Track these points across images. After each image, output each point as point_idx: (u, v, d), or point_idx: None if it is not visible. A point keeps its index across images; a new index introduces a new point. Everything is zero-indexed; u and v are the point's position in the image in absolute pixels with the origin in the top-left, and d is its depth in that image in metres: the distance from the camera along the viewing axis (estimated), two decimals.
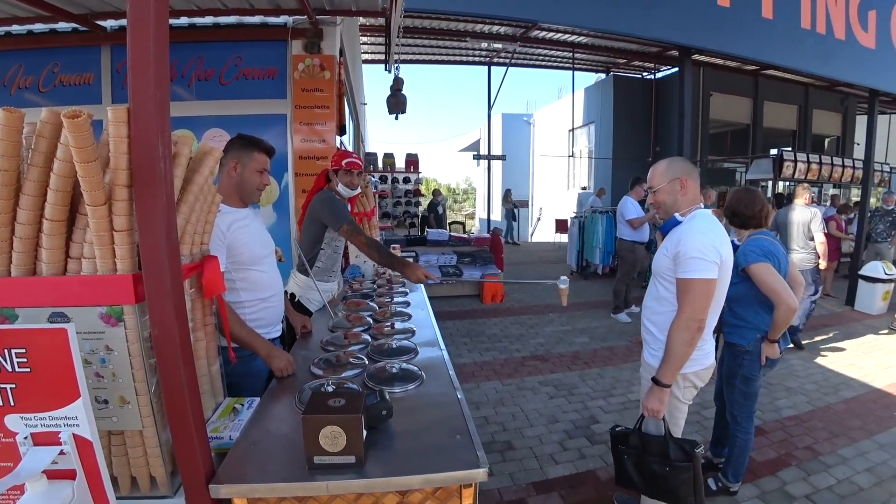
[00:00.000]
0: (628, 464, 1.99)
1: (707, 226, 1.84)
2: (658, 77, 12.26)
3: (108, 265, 1.08)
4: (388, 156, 11.95)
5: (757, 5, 6.48)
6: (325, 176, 2.95)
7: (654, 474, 1.90)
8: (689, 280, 1.78)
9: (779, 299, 2.31)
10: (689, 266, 1.77)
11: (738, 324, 2.51)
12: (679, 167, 1.95)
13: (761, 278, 2.35)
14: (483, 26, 8.92)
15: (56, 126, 1.03)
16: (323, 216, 2.69)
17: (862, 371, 4.50)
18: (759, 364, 2.47)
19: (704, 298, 1.78)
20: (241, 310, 1.90)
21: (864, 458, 3.02)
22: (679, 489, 1.85)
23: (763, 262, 2.36)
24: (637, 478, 1.97)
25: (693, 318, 1.77)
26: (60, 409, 0.92)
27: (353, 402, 1.23)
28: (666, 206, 1.97)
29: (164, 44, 1.03)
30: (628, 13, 5.81)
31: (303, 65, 4.17)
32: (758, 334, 2.46)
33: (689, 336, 1.77)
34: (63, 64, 4.16)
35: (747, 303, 2.48)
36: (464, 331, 5.77)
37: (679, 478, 1.84)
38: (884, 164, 11.15)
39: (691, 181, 1.92)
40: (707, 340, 1.96)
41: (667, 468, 1.86)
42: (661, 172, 1.97)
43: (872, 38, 7.74)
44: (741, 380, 2.52)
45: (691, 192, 1.93)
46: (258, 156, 1.97)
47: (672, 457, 1.85)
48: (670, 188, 1.94)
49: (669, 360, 1.82)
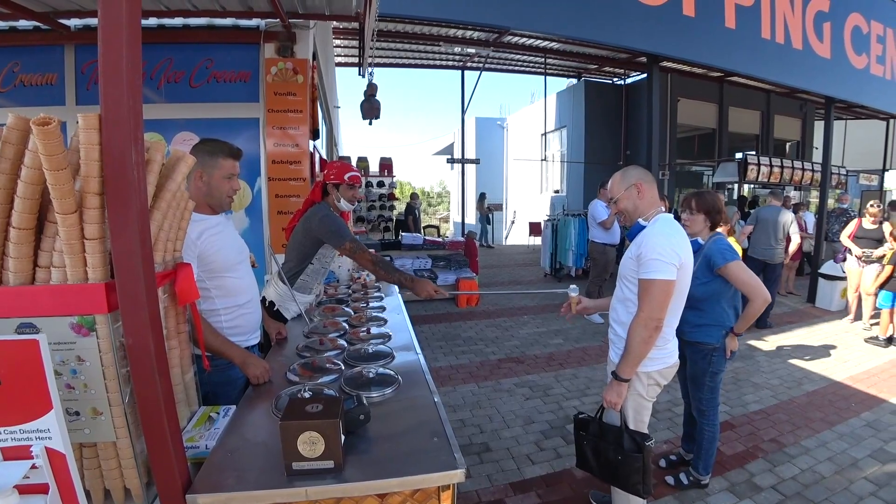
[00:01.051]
0: (587, 449, 2.14)
1: (668, 229, 1.93)
2: (628, 82, 12.55)
3: (79, 274, 1.06)
4: (362, 159, 11.89)
5: (720, 15, 6.74)
6: (321, 189, 2.76)
7: (609, 461, 2.04)
8: (649, 280, 1.86)
9: (755, 293, 2.43)
10: (650, 267, 1.86)
11: (705, 322, 2.57)
12: (633, 174, 2.07)
13: (738, 275, 2.46)
14: (457, 31, 8.98)
15: (23, 132, 1.00)
16: (322, 234, 2.56)
17: (822, 365, 4.71)
18: (725, 358, 2.59)
19: (663, 298, 1.86)
20: (216, 317, 1.87)
21: (825, 448, 3.17)
22: (630, 476, 1.99)
23: (737, 259, 2.49)
24: (594, 462, 2.12)
25: (652, 316, 1.85)
26: (32, 422, 0.90)
27: (330, 408, 1.23)
28: (628, 213, 2.08)
29: (136, 48, 1.02)
30: (598, 21, 5.96)
31: (275, 68, 4.13)
32: (723, 331, 2.56)
33: (647, 334, 1.86)
34: (24, 63, 4.01)
35: (716, 301, 2.57)
36: (439, 334, 5.79)
37: (631, 466, 1.98)
38: (840, 167, 11.70)
39: (646, 185, 2.03)
40: (670, 339, 2.05)
41: (619, 456, 2.00)
42: (618, 182, 2.09)
43: (828, 49, 8.13)
44: (710, 376, 2.60)
45: (648, 196, 2.03)
46: (223, 162, 1.89)
47: (626, 447, 1.99)
48: (628, 195, 2.05)
49: (628, 356, 1.91)
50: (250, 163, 4.11)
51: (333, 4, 3.60)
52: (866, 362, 4.82)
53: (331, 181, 2.69)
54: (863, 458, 3.05)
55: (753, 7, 7.10)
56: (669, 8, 6.26)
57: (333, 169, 2.74)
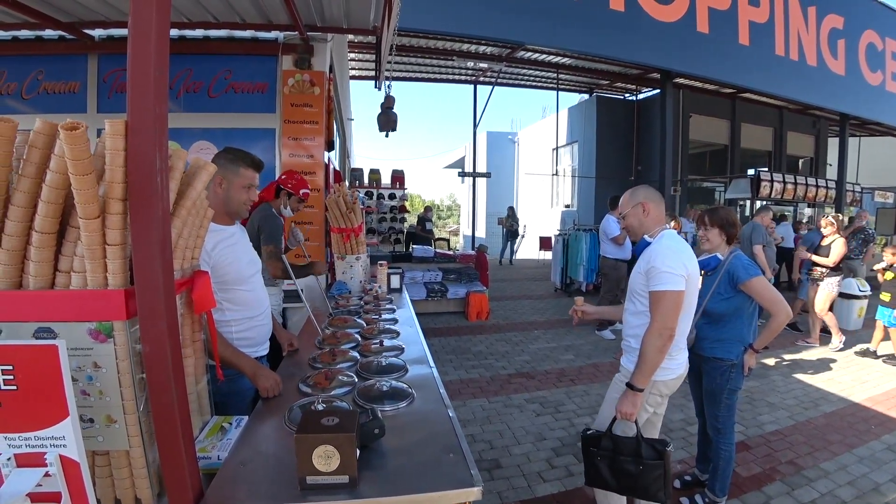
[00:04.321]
0: (601, 465, 2.08)
1: (675, 244, 2.03)
2: (640, 98, 12.57)
3: (99, 280, 1.06)
4: (374, 172, 11.98)
5: (734, 32, 6.75)
6: (274, 190, 3.07)
7: (628, 473, 2.00)
8: (660, 292, 1.93)
9: (778, 308, 2.42)
10: (660, 280, 1.93)
11: (725, 338, 2.54)
12: (641, 194, 2.17)
13: (761, 290, 2.45)
14: (469, 46, 9.07)
15: (50, 137, 1.01)
16: (261, 227, 2.88)
17: (840, 385, 4.60)
18: (743, 375, 2.55)
19: (675, 309, 1.92)
20: (227, 328, 1.86)
21: (845, 471, 3.07)
22: (650, 486, 1.97)
23: (760, 274, 2.48)
24: (610, 478, 2.06)
25: (665, 326, 1.91)
26: (47, 429, 0.89)
27: (346, 421, 1.21)
28: (633, 229, 2.18)
29: (164, 57, 1.03)
30: (612, 37, 5.99)
31: (293, 80, 4.18)
32: (742, 347, 2.53)
33: (661, 343, 1.91)
34: (48, 71, 4.10)
35: (737, 316, 2.54)
36: (449, 348, 5.75)
37: (651, 475, 1.96)
38: (855, 184, 11.57)
39: (653, 205, 2.12)
40: (682, 350, 2.11)
41: (640, 467, 1.97)
42: (627, 200, 2.20)
43: (842, 66, 8.11)
44: (728, 393, 2.55)
45: (654, 215, 2.13)
46: (244, 171, 1.92)
47: (645, 456, 1.97)
48: (635, 212, 2.15)
49: (643, 365, 1.95)
50: (265, 172, 4.10)
51: (351, 18, 3.65)
52: (886, 383, 4.69)
53: (287, 188, 3.05)
54: (885, 482, 2.95)
55: (767, 24, 7.12)
56: (683, 24, 6.28)
57: (293, 180, 3.10)
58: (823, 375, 4.90)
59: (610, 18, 5.95)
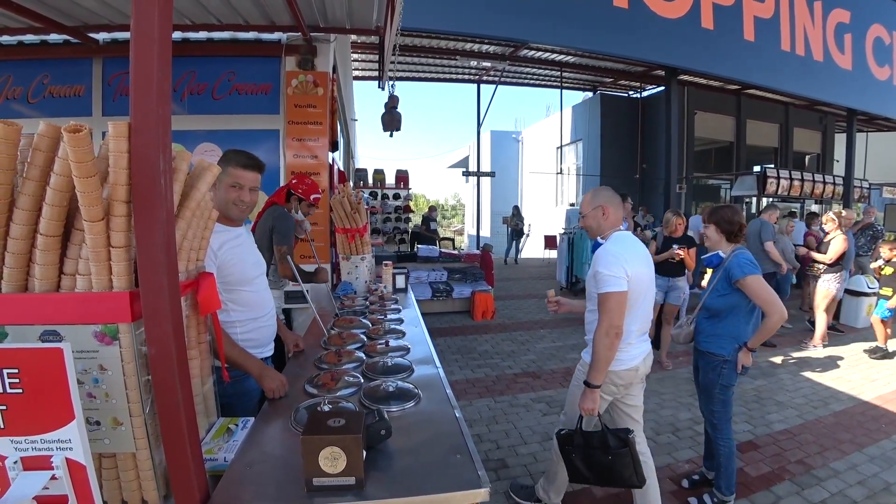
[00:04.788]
0: (577, 461, 2.19)
1: (615, 246, 2.14)
2: (644, 96, 12.52)
3: (104, 282, 1.06)
4: (379, 172, 11.98)
5: (739, 28, 6.70)
6: (284, 194, 3.18)
7: (601, 464, 2.12)
8: (604, 294, 2.05)
9: (772, 308, 2.40)
10: (603, 283, 2.05)
11: (719, 333, 2.57)
12: (602, 197, 2.27)
13: (755, 289, 2.44)
14: (473, 45, 9.06)
15: (54, 139, 1.01)
16: (275, 228, 2.97)
17: (850, 384, 4.55)
18: (737, 372, 2.56)
19: (619, 309, 2.03)
20: (232, 329, 1.86)
21: (855, 471, 3.04)
22: (623, 472, 2.09)
23: (756, 272, 2.47)
24: (586, 471, 2.18)
25: (612, 325, 2.03)
26: (53, 432, 0.89)
27: (352, 422, 1.20)
28: (592, 230, 2.31)
29: (167, 59, 1.02)
30: (616, 34, 5.96)
31: (296, 81, 4.19)
32: (736, 344, 2.54)
33: (609, 342, 2.03)
34: (53, 75, 4.13)
35: (733, 314, 2.55)
36: (455, 347, 5.74)
37: (622, 462, 2.09)
38: (863, 180, 11.46)
39: (612, 208, 2.24)
40: (634, 344, 2.20)
41: (609, 457, 2.10)
42: (588, 201, 2.30)
43: (849, 60, 8.03)
44: (720, 389, 2.58)
45: (612, 217, 2.24)
46: (232, 170, 1.88)
47: (612, 446, 2.10)
48: (594, 214, 2.26)
49: (595, 363, 2.08)
50: (269, 174, 4.12)
51: (354, 18, 3.65)
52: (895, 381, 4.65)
53: (298, 193, 3.15)
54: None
55: (773, 19, 7.06)
56: (688, 21, 6.24)
57: (304, 185, 3.19)
58: (832, 374, 4.86)
59: (613, 15, 5.92)
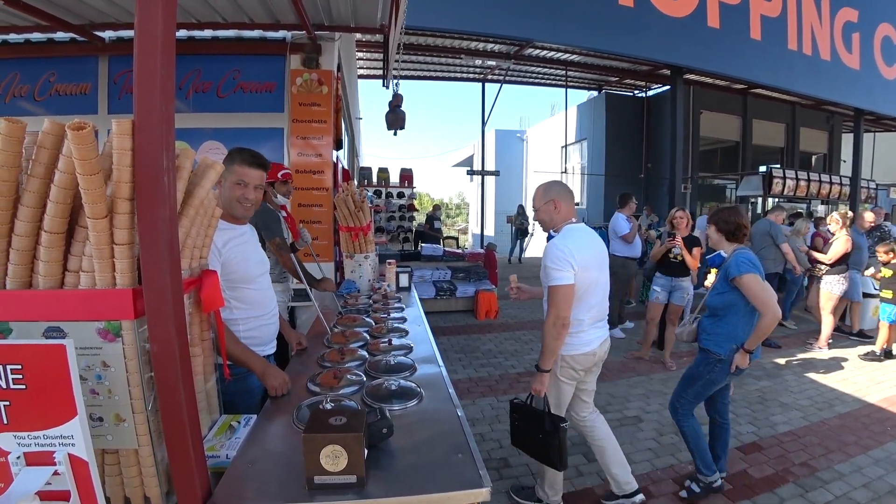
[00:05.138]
0: (518, 429, 2.40)
1: (564, 241, 2.21)
2: (649, 95, 12.46)
3: (108, 279, 1.06)
4: (383, 170, 11.97)
5: (746, 27, 6.66)
6: None
7: (534, 439, 2.30)
8: (552, 287, 2.17)
9: (766, 308, 2.42)
10: (550, 276, 2.17)
11: (718, 332, 2.59)
12: (554, 191, 2.35)
13: (751, 287, 2.45)
14: (477, 44, 9.04)
15: (58, 137, 1.01)
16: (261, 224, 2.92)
17: (855, 386, 4.52)
18: (728, 372, 2.56)
19: (565, 300, 2.15)
20: (235, 327, 1.87)
21: (860, 473, 3.02)
22: (550, 453, 2.25)
23: (754, 272, 2.47)
24: (524, 440, 2.38)
25: (559, 316, 2.15)
26: (56, 428, 0.89)
27: (354, 421, 1.21)
28: (544, 223, 2.39)
29: (170, 57, 1.02)
30: (621, 33, 5.93)
31: (301, 79, 4.19)
32: (734, 344, 2.54)
33: (556, 331, 2.17)
34: (60, 73, 4.15)
35: (732, 313, 2.57)
36: (458, 346, 5.74)
37: (550, 444, 2.24)
38: (870, 180, 11.38)
39: (563, 202, 2.32)
40: (587, 331, 2.32)
41: (541, 435, 2.26)
42: (540, 195, 2.38)
43: (857, 60, 7.97)
44: (704, 383, 2.63)
45: (564, 211, 2.33)
46: (236, 167, 1.90)
47: (546, 428, 2.25)
48: (546, 208, 2.35)
49: (544, 350, 2.24)
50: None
51: (359, 17, 3.65)
52: None
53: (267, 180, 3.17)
54: None
55: (779, 18, 7.01)
56: (694, 20, 6.21)
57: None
58: (837, 375, 4.83)
59: (619, 14, 5.89)
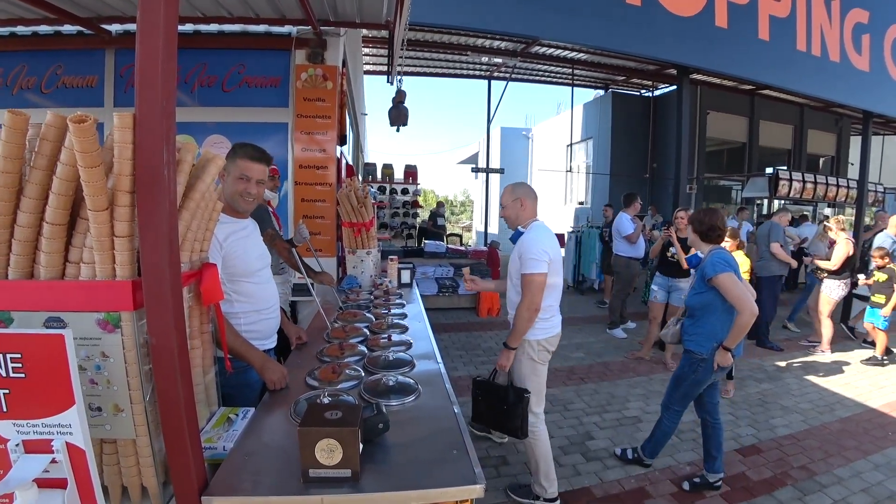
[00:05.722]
0: (481, 405, 2.62)
1: (537, 234, 2.46)
2: (656, 94, 12.38)
3: (108, 271, 1.07)
4: (387, 166, 11.98)
5: (753, 27, 6.59)
6: None
7: (499, 411, 2.53)
8: (527, 275, 2.38)
9: (742, 306, 2.51)
10: (528, 265, 2.37)
11: (697, 332, 2.71)
12: (520, 191, 2.57)
13: (727, 286, 2.54)
14: (484, 41, 9.00)
15: (60, 129, 1.02)
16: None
17: (857, 390, 4.50)
18: (712, 370, 2.66)
19: (539, 288, 2.37)
20: (235, 321, 1.88)
21: (859, 478, 3.01)
22: (513, 422, 2.49)
23: (729, 271, 2.57)
24: (486, 415, 2.61)
25: (532, 303, 2.37)
26: (54, 417, 0.90)
27: (350, 415, 1.21)
28: (510, 219, 2.60)
29: (172, 51, 1.03)
30: (628, 32, 5.88)
31: (305, 74, 4.20)
32: (714, 343, 2.64)
33: (528, 316, 2.39)
34: (67, 66, 4.17)
35: (710, 312, 2.67)
36: (459, 343, 5.75)
37: (514, 413, 2.47)
38: (877, 184, 11.27)
39: (528, 201, 2.56)
40: (553, 315, 2.55)
41: (505, 407, 2.49)
42: (508, 193, 2.59)
43: (866, 61, 7.87)
44: (691, 383, 2.75)
45: (529, 210, 2.56)
46: (239, 162, 1.91)
47: (510, 400, 2.48)
48: (513, 206, 2.56)
49: (514, 331, 2.46)
50: (278, 167, 4.17)
51: (364, 12, 3.65)
52: None
53: None
54: None
55: (788, 19, 6.93)
56: (701, 19, 6.15)
57: None
58: (839, 379, 4.81)
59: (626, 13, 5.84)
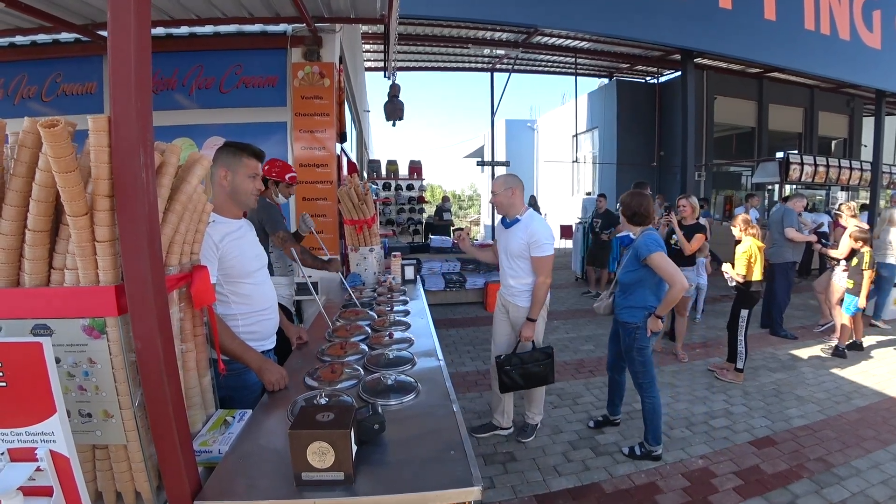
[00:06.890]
0: (514, 374, 2.95)
1: (542, 223, 2.97)
2: (661, 81, 12.22)
3: (91, 276, 1.06)
4: (392, 163, 11.97)
5: (759, 7, 6.45)
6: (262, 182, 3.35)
7: (534, 374, 2.98)
8: (543, 257, 2.91)
9: (673, 280, 2.79)
10: (543, 249, 2.89)
11: (630, 305, 3.01)
12: (512, 181, 3.01)
13: (659, 264, 2.82)
14: (485, 33, 8.93)
15: (38, 136, 1.01)
16: (263, 219, 3.03)
17: (875, 379, 4.40)
18: (647, 335, 2.96)
19: (551, 266, 2.94)
20: (233, 322, 1.87)
21: (878, 469, 2.93)
22: (548, 376, 3.04)
23: (660, 251, 2.84)
24: (520, 380, 2.97)
25: (548, 277, 2.95)
26: (37, 425, 0.89)
27: (342, 417, 1.19)
28: (501, 206, 3.01)
29: (145, 50, 1.01)
30: (629, 17, 5.79)
31: (302, 72, 4.18)
32: (645, 312, 2.95)
33: (546, 289, 2.96)
34: (66, 74, 4.20)
35: (640, 286, 2.98)
36: (467, 339, 5.73)
37: (549, 368, 3.02)
38: (892, 165, 11.02)
39: (518, 191, 2.98)
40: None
41: (541, 366, 2.98)
42: (501, 183, 3.01)
43: (878, 39, 7.68)
44: (637, 351, 3.00)
45: (518, 199, 2.99)
46: (248, 161, 1.92)
47: (543, 359, 2.99)
48: (506, 194, 2.97)
49: (536, 305, 2.97)
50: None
51: (358, 7, 3.62)
52: None
53: (272, 178, 3.19)
54: None
55: None
56: (704, 1, 6.04)
57: (276, 167, 3.23)
58: (856, 368, 4.70)
59: None
